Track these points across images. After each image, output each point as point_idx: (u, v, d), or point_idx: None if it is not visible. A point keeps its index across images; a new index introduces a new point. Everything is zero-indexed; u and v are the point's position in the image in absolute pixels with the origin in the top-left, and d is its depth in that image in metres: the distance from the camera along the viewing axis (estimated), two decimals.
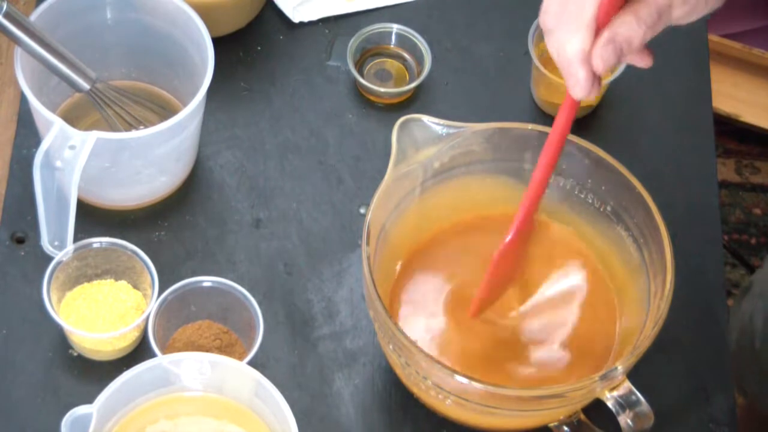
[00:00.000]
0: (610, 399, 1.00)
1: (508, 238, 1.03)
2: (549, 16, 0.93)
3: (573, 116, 0.97)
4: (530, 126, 1.10)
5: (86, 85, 1.13)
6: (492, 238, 1.13)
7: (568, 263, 1.13)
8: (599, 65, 0.91)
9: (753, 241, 2.05)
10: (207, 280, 1.10)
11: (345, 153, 1.23)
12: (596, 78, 0.92)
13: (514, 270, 1.08)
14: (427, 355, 0.99)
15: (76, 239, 1.10)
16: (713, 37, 2.00)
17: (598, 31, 0.91)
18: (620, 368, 0.99)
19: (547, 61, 1.24)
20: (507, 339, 1.09)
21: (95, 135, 1.07)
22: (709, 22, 1.35)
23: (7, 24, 1.07)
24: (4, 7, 1.06)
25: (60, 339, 1.11)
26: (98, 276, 1.12)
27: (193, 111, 1.11)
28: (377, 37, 1.28)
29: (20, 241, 1.16)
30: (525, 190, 1.12)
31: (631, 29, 0.91)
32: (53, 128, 1.07)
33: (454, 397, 1.01)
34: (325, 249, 1.18)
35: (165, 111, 1.18)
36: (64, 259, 1.09)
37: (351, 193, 1.21)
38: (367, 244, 1.03)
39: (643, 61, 0.96)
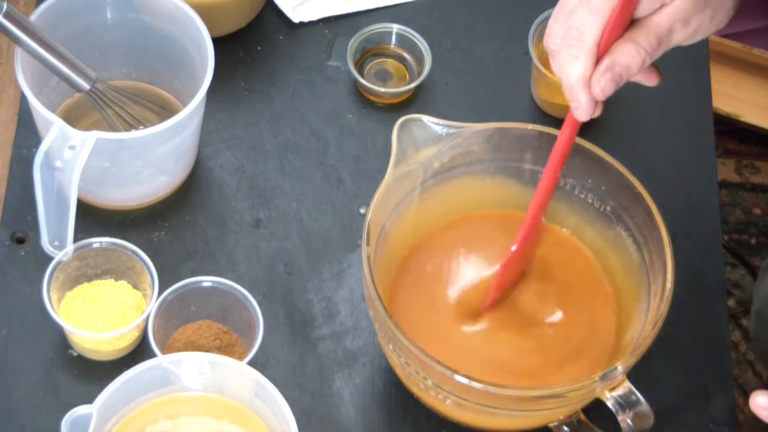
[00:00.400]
0: (610, 399, 1.00)
1: (514, 247, 1.04)
2: (553, 39, 0.94)
3: (575, 132, 0.99)
4: (530, 126, 1.10)
5: (86, 85, 1.13)
6: (492, 238, 1.13)
7: (567, 263, 1.13)
8: (598, 93, 0.93)
9: (753, 241, 2.05)
10: (207, 280, 1.10)
11: (345, 153, 1.23)
12: (599, 101, 0.93)
13: (523, 270, 1.09)
14: (427, 355, 0.99)
15: (76, 239, 1.10)
16: (713, 37, 2.00)
17: (600, 56, 0.92)
18: (620, 368, 0.99)
19: (547, 61, 1.24)
20: (506, 338, 1.09)
21: (95, 135, 1.07)
22: None
23: (7, 24, 1.07)
24: (4, 7, 1.06)
25: (60, 339, 1.11)
26: (98, 276, 1.12)
27: (193, 111, 1.11)
28: (377, 37, 1.28)
29: (20, 241, 1.16)
30: (524, 190, 1.12)
31: (630, 57, 0.92)
32: (53, 128, 1.07)
33: (454, 397, 1.01)
34: (325, 249, 1.18)
35: (165, 111, 1.18)
36: (64, 259, 1.09)
37: (351, 193, 1.21)
38: (367, 244, 1.03)
39: (650, 80, 0.97)
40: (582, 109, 0.94)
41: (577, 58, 0.92)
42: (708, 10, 0.93)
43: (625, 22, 0.92)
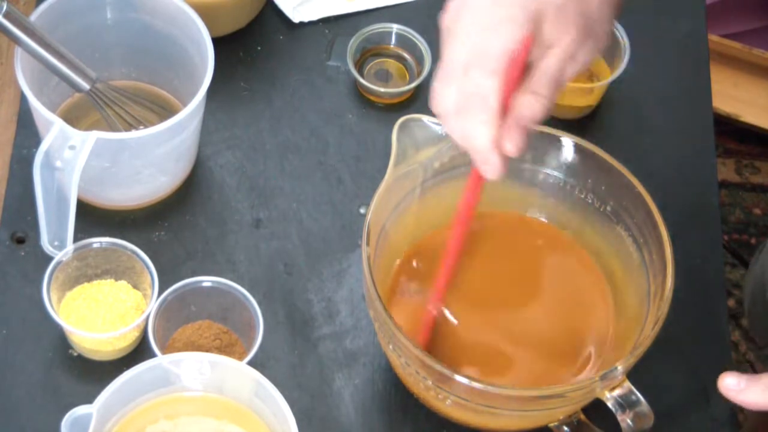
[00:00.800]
0: (610, 399, 1.00)
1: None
2: (444, 103, 0.93)
3: (480, 189, 0.98)
4: None
5: (86, 85, 1.13)
6: (491, 238, 1.13)
7: (567, 263, 1.13)
8: (511, 150, 0.92)
9: (753, 241, 2.05)
10: (207, 280, 1.10)
11: (345, 153, 1.23)
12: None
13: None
14: (427, 355, 0.99)
15: (76, 239, 1.10)
16: (713, 37, 2.00)
17: (503, 113, 0.91)
18: (620, 368, 0.99)
19: None
20: (506, 338, 1.09)
21: (95, 135, 1.07)
22: (709, 22, 1.35)
23: (7, 24, 1.07)
24: (4, 7, 1.06)
25: (60, 339, 1.11)
26: (98, 276, 1.12)
27: (193, 111, 1.11)
28: (377, 37, 1.28)
29: (20, 241, 1.16)
30: (524, 190, 1.12)
31: (533, 108, 0.92)
32: (53, 128, 1.07)
33: (454, 397, 1.01)
34: (325, 249, 1.18)
35: (165, 111, 1.18)
36: (64, 259, 1.09)
37: (351, 193, 1.21)
38: (367, 244, 1.03)
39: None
40: (494, 169, 0.93)
41: (485, 123, 0.91)
42: (590, 42, 0.94)
43: (522, 76, 0.92)
